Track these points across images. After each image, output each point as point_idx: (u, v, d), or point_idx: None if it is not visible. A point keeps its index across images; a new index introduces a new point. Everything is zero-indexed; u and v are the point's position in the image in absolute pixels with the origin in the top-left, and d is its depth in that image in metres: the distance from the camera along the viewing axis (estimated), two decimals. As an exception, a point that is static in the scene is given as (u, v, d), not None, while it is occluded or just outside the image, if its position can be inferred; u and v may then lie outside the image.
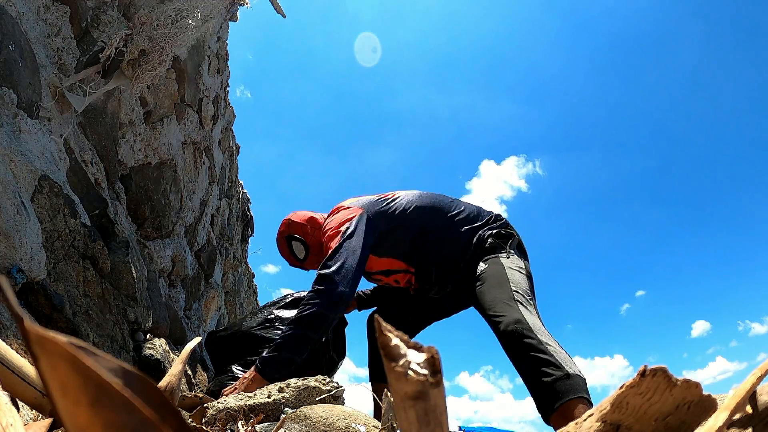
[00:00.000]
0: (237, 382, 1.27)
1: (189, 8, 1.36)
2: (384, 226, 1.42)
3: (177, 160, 2.05)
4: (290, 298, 1.69)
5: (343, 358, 1.65)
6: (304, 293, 1.64)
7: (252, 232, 4.32)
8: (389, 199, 1.48)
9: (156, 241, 1.91)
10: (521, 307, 1.16)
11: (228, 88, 3.14)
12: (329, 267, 1.29)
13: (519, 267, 1.31)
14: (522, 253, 1.40)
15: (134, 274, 1.47)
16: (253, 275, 4.91)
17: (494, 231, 1.39)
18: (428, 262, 1.43)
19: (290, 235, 1.62)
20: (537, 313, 1.19)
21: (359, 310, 1.76)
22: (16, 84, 1.03)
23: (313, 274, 1.35)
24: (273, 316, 1.61)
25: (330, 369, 1.61)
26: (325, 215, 1.56)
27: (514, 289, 1.22)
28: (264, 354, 1.26)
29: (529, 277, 1.32)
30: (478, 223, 1.43)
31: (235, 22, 1.83)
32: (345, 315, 1.70)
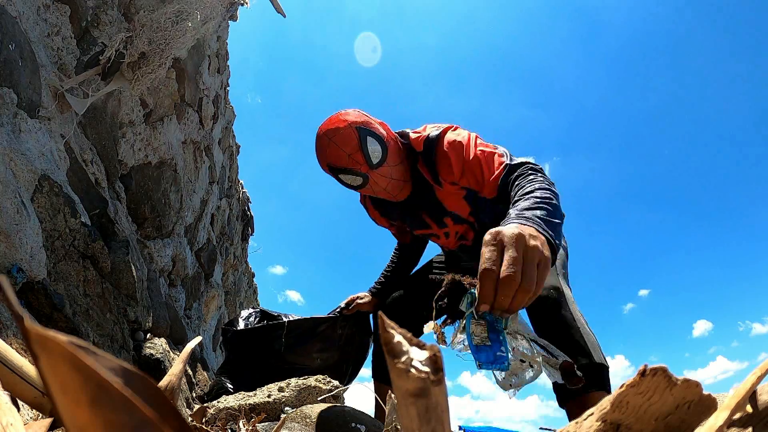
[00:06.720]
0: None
1: (188, 10, 1.36)
2: None
3: (177, 159, 2.05)
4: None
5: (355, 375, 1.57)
6: (293, 316, 1.44)
7: (252, 231, 4.32)
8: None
9: (156, 241, 1.91)
10: (560, 278, 1.08)
11: (228, 88, 3.14)
12: (514, 161, 1.02)
13: (564, 246, 1.25)
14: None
15: (134, 274, 1.47)
16: (253, 275, 4.91)
17: None
18: (488, 221, 1.23)
19: (367, 128, 1.13)
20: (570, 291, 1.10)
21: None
22: (16, 84, 1.03)
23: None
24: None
25: (344, 377, 1.52)
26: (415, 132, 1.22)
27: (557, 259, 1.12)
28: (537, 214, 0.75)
29: (567, 257, 1.23)
30: None
31: (235, 21, 1.83)
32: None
